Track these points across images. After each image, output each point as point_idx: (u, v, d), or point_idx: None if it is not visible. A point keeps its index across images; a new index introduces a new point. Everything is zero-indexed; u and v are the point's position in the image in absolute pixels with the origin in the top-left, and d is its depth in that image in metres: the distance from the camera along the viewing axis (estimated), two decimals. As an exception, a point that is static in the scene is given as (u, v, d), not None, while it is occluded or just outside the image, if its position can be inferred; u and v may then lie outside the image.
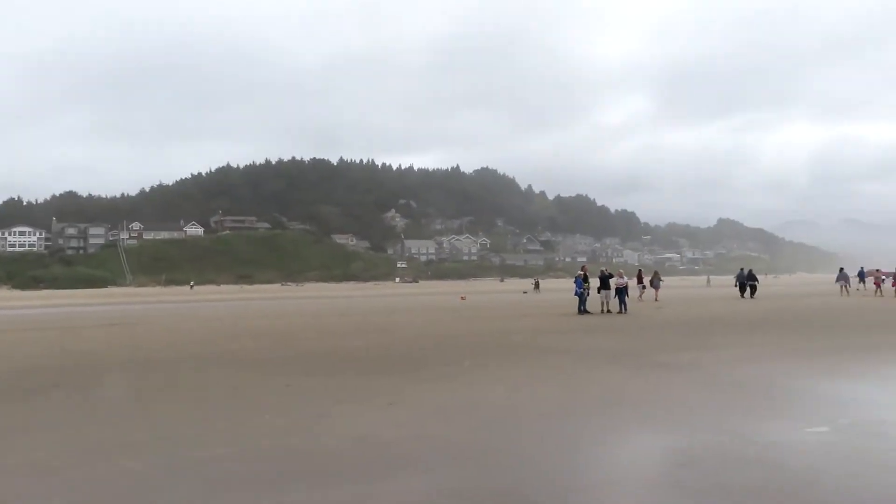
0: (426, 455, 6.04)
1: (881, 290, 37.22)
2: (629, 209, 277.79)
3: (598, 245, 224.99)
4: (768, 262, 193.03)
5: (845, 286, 39.32)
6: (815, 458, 5.77)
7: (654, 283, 35.81)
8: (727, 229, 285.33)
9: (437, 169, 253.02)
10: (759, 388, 9.32)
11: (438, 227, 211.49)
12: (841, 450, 6.03)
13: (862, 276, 44.58)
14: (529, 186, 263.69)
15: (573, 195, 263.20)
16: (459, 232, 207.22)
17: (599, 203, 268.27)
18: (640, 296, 34.43)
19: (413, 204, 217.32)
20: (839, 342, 14.89)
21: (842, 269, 42.36)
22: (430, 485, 5.21)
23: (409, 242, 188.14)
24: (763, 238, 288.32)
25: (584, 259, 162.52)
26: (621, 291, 25.82)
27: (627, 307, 25.46)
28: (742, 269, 40.40)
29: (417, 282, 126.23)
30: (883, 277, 40.45)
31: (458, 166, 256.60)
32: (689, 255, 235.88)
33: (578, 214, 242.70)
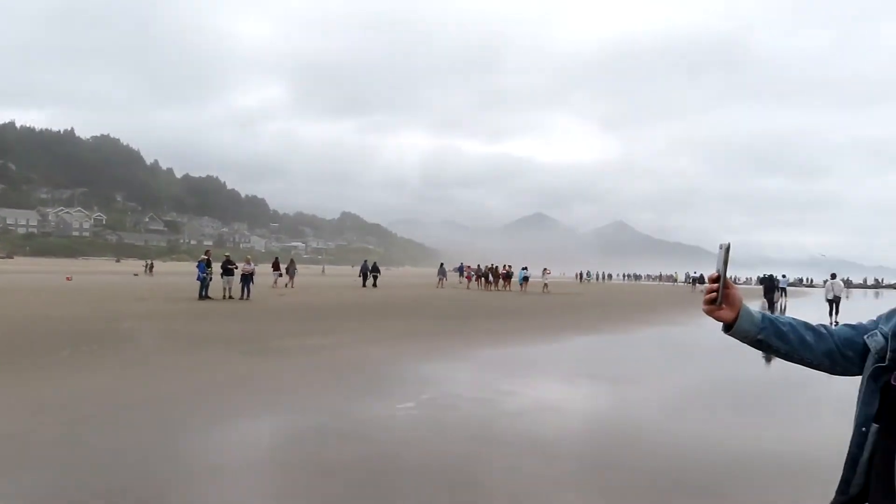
0: (12, 457, 5.28)
1: (480, 284, 44.06)
2: (260, 195, 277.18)
3: (225, 229, 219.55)
4: (383, 256, 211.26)
5: (443, 279, 45.60)
6: (402, 431, 6.62)
7: (290, 271, 36.73)
8: (350, 222, 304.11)
9: (47, 130, 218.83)
10: (365, 369, 10.27)
11: (43, 196, 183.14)
12: (423, 422, 7.03)
13: (461, 270, 51.83)
14: (156, 161, 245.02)
15: (203, 176, 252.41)
16: (70, 204, 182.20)
17: (230, 186, 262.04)
18: (275, 282, 35.23)
19: (12, 166, 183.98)
20: (435, 327, 17.16)
21: (442, 265, 48.95)
22: (14, 488, 4.58)
23: (2, 211, 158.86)
24: (380, 233, 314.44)
25: (211, 243, 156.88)
26: (247, 278, 25.76)
27: (251, 293, 25.50)
28: (366, 261, 43.81)
29: (12, 258, 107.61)
30: (473, 272, 47.72)
31: (72, 129, 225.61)
32: (314, 244, 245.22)
33: (207, 196, 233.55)
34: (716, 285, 1.85)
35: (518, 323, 20.02)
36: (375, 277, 41.24)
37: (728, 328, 1.89)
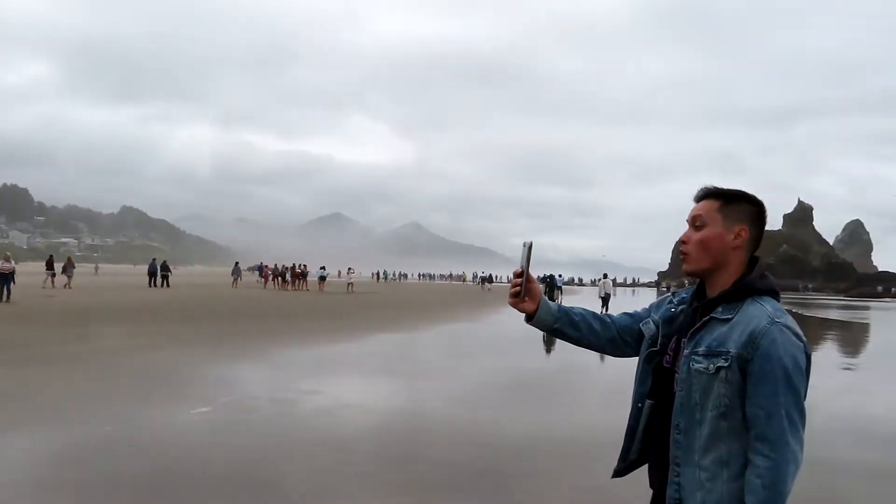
0: None
1: (277, 284, 42.74)
2: (21, 185, 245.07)
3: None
4: (169, 254, 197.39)
5: (238, 279, 43.78)
6: (198, 436, 6.31)
7: (67, 271, 33.09)
8: (131, 217, 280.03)
9: None
10: (155, 374, 9.59)
11: None
12: (220, 426, 6.75)
13: (259, 270, 49.90)
14: None
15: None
16: None
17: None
18: (48, 282, 31.76)
19: None
20: (233, 327, 16.42)
21: (237, 264, 47.01)
22: None
23: None
24: (166, 229, 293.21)
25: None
26: (6, 277, 22.72)
27: (11, 295, 22.53)
28: (154, 260, 40.83)
29: None
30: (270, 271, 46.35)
31: None
32: (89, 241, 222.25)
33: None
34: (520, 280, 2.03)
35: (319, 322, 19.86)
36: (166, 277, 38.53)
37: (529, 318, 2.11)
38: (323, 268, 46.47)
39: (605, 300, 27.30)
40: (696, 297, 2.00)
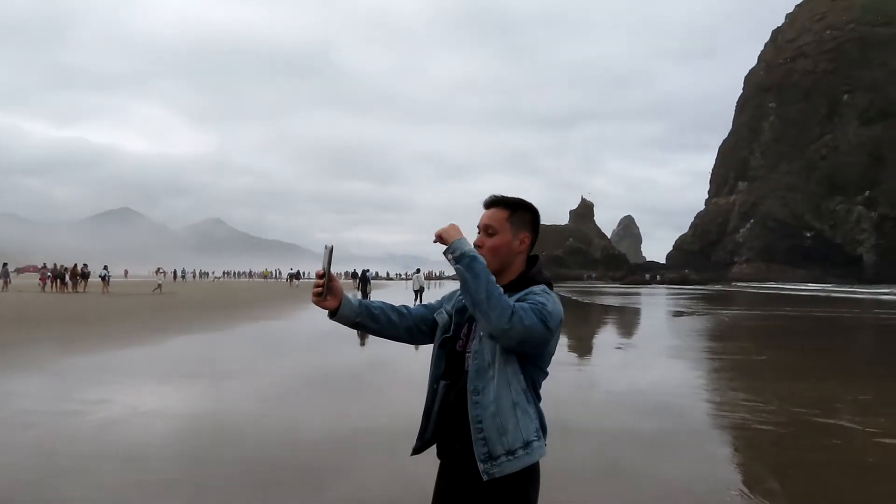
0: None
1: (55, 286, 38.10)
2: None
3: None
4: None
5: (7, 281, 38.77)
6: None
7: None
8: None
9: None
10: None
11: None
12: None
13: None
14: None
15: None
16: None
17: None
18: None
19: None
20: (2, 337, 14.49)
21: (5, 265, 41.44)
22: None
23: None
24: None
25: None
26: None
27: None
28: None
29: None
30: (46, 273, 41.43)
31: None
32: None
33: None
34: (322, 280, 2.23)
35: (107, 326, 18.19)
36: None
37: (332, 314, 2.30)
38: (105, 267, 42.59)
39: (419, 293, 28.64)
40: None
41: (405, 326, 2.39)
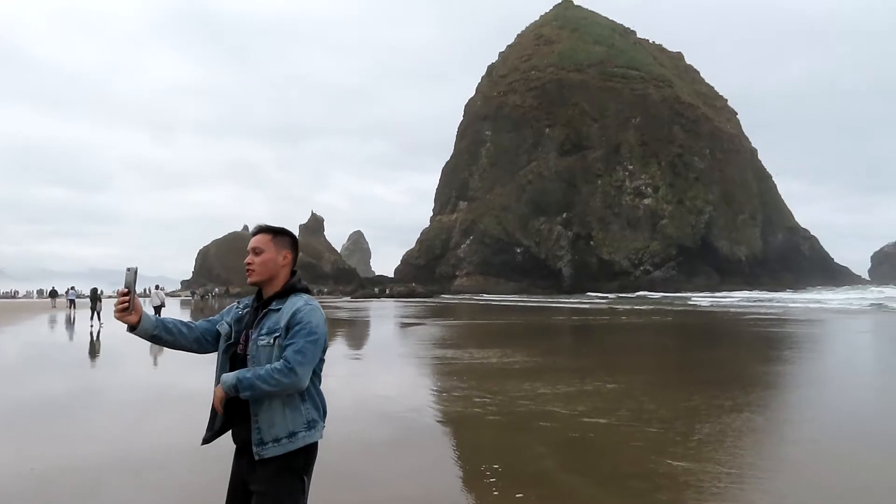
0: None
1: None
2: None
3: None
4: None
5: None
6: None
7: None
8: None
9: None
10: None
11: None
12: None
13: None
14: None
15: None
16: None
17: None
18: None
19: None
20: None
21: None
22: None
23: None
24: None
25: None
26: None
27: None
28: None
29: None
30: None
31: None
32: None
33: None
34: (127, 297, 2.65)
35: None
36: None
37: (132, 328, 2.71)
38: None
39: (158, 309, 27.37)
40: (256, 300, 2.90)
41: (194, 337, 2.87)
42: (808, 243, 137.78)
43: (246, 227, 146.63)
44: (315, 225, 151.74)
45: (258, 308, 2.84)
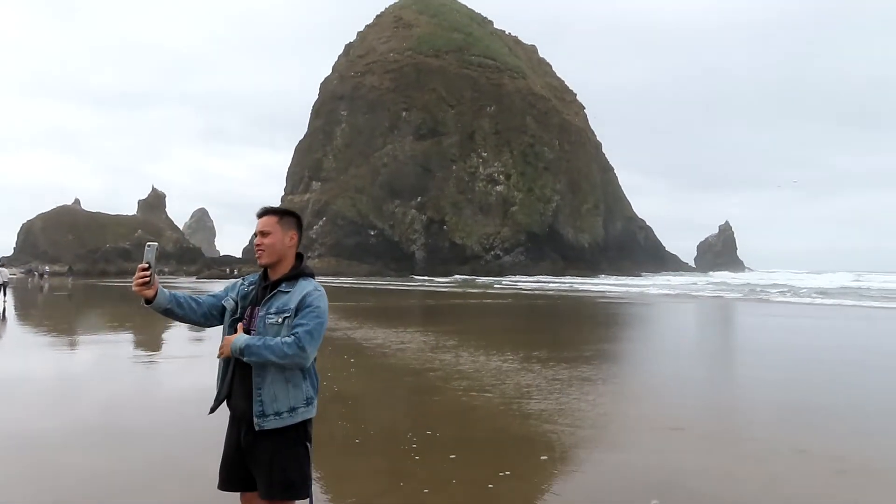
0: None
1: None
2: None
3: None
4: None
5: None
6: None
7: None
8: None
9: None
10: None
11: None
12: None
13: None
14: None
15: None
16: None
17: None
18: None
19: None
20: None
21: None
22: None
23: None
24: None
25: None
26: None
27: None
28: None
29: None
30: None
31: None
32: None
33: None
34: (148, 272, 2.81)
35: None
36: None
37: (149, 302, 2.87)
38: None
39: (4, 287, 27.57)
40: (263, 279, 3.05)
41: (202, 312, 3.04)
42: (644, 233, 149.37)
43: (77, 201, 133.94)
44: (156, 201, 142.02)
45: (266, 287, 3.00)
